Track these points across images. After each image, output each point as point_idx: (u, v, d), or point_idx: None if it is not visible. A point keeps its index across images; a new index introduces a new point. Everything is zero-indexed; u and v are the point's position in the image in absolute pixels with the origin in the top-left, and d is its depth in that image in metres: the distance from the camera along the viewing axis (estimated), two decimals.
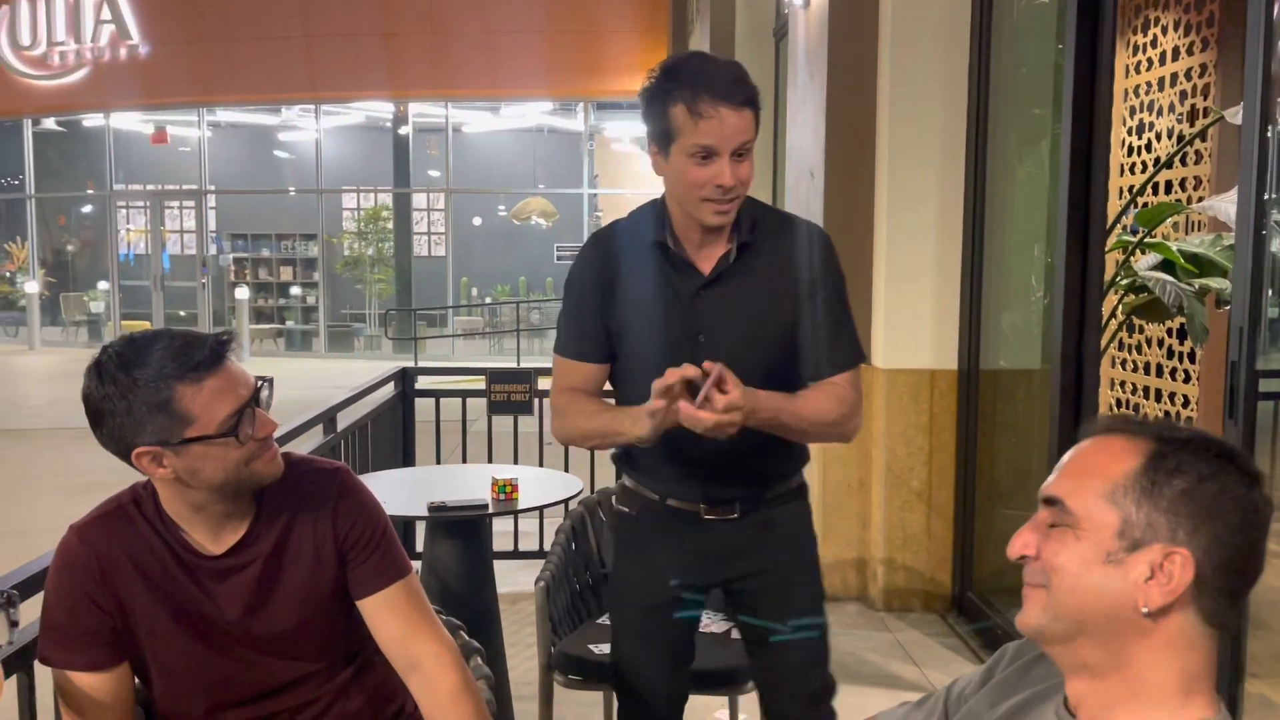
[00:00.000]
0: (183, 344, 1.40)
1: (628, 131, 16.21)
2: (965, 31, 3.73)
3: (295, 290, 15.81)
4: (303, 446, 3.05)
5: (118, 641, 1.46)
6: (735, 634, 2.50)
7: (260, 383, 1.45)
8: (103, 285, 16.37)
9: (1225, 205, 3.41)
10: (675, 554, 1.92)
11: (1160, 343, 4.78)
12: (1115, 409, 5.18)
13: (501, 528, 4.44)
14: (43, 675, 1.56)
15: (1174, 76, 4.68)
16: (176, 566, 1.48)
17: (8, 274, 17.16)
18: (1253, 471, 0.94)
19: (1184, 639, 0.94)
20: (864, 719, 1.34)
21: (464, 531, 2.75)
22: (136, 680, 1.53)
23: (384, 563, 1.55)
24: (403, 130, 15.24)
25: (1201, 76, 4.46)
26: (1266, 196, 2.16)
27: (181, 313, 15.28)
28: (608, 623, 2.59)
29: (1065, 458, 1.01)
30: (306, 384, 10.32)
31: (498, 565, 3.81)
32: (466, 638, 1.83)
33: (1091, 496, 0.94)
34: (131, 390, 1.37)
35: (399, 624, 1.53)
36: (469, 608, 2.73)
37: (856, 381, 1.82)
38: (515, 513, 2.67)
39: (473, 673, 1.73)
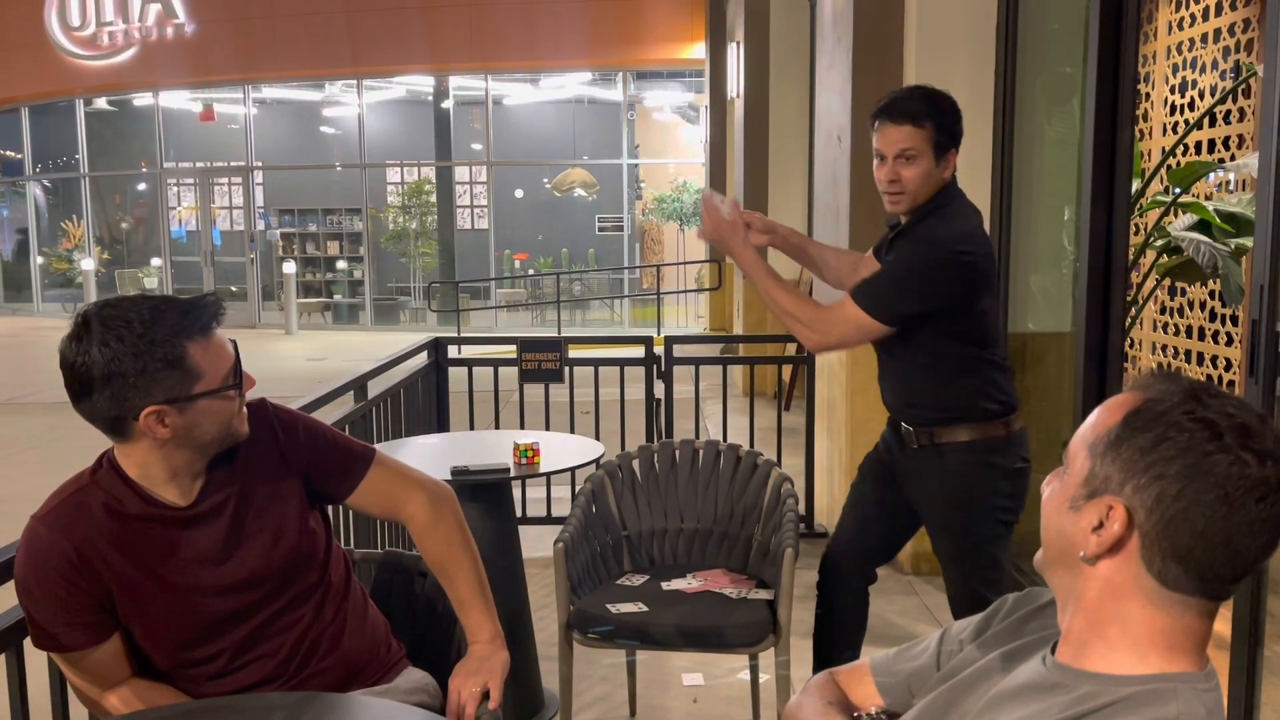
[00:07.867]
0: (185, 305, 1.48)
1: (667, 101, 16.11)
2: None
3: (341, 264, 16.02)
4: (333, 413, 3.11)
5: (110, 612, 1.50)
6: (751, 595, 2.54)
7: (233, 343, 1.56)
8: (156, 262, 16.71)
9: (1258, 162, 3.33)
10: None
11: (1202, 305, 4.69)
12: None
13: (535, 494, 4.50)
14: (33, 657, 1.58)
15: (1217, 32, 4.56)
16: (149, 525, 1.51)
17: (64, 252, 17.58)
18: (1249, 446, 0.89)
19: (1141, 594, 0.94)
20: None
21: (488, 495, 2.79)
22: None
23: (347, 461, 1.69)
24: (444, 104, 15.31)
25: (1245, 31, 4.34)
26: None
27: (232, 288, 15.55)
28: (627, 583, 2.64)
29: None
30: (353, 356, 10.51)
31: (530, 530, 3.88)
32: None
33: (1080, 446, 0.98)
34: (147, 349, 1.42)
35: (383, 501, 1.73)
36: (494, 569, 2.76)
37: (843, 314, 2.20)
38: (536, 476, 2.71)
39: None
